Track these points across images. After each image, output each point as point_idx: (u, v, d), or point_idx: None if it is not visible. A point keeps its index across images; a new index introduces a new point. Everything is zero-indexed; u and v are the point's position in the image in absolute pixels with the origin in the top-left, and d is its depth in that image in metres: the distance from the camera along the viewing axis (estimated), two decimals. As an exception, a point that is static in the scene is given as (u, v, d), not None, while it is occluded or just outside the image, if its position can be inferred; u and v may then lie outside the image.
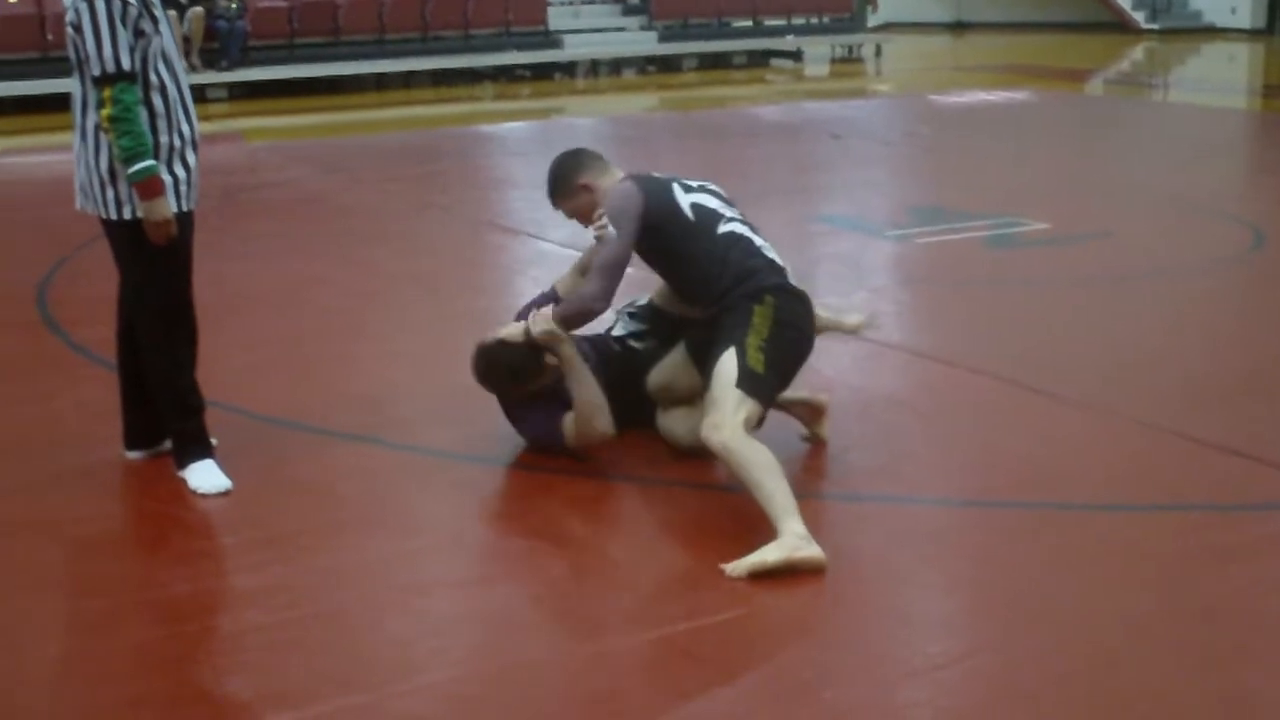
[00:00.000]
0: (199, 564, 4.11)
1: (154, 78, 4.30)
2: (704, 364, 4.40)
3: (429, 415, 5.22)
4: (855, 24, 22.65)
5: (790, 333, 4.40)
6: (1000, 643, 3.60)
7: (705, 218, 4.52)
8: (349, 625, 3.71)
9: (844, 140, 13.14)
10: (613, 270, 4.46)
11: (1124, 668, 3.42)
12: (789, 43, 21.56)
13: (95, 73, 4.23)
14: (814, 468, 4.78)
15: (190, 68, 15.36)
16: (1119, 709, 3.25)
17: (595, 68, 19.95)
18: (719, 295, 4.42)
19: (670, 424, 4.78)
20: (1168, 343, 6.31)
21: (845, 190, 10.50)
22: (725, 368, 4.22)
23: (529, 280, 7.16)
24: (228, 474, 4.53)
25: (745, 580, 3.82)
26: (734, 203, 4.70)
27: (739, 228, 4.54)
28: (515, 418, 4.84)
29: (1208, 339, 6.36)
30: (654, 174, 4.68)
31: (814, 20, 22.01)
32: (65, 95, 4.58)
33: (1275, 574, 3.98)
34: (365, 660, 3.50)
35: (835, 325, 4.99)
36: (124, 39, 4.21)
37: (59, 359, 6.13)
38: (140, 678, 3.45)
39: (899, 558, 4.09)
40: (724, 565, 3.87)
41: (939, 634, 3.69)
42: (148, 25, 4.28)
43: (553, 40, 19.44)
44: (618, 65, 20.17)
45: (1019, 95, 16.59)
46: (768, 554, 3.85)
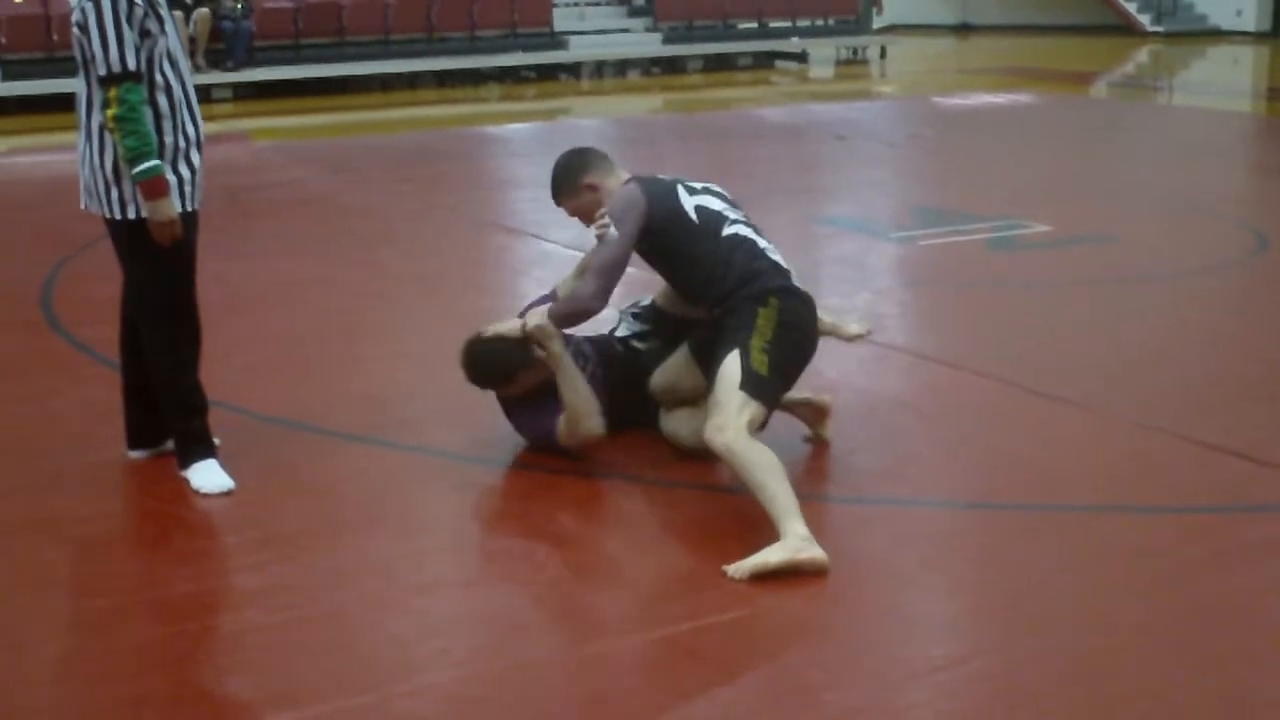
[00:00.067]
0: (201, 563, 4.12)
1: (159, 78, 4.31)
2: (707, 365, 4.40)
3: (432, 416, 5.23)
4: (860, 26, 22.61)
5: (794, 335, 4.40)
6: (1002, 644, 3.60)
7: (709, 220, 4.52)
8: (350, 625, 3.71)
9: (848, 142, 13.14)
10: (610, 270, 4.46)
11: (1124, 668, 3.42)
12: (794, 44, 21.54)
13: (101, 73, 4.23)
14: (817, 469, 4.78)
15: (196, 68, 15.40)
16: (1120, 709, 3.25)
17: (600, 69, 19.95)
18: (723, 297, 4.42)
19: (673, 425, 4.78)
20: (1170, 345, 6.31)
21: (849, 192, 10.50)
22: (729, 370, 4.22)
23: (533, 281, 7.16)
24: (230, 474, 4.53)
25: (747, 581, 3.82)
26: (738, 204, 4.70)
27: (743, 230, 4.54)
28: (513, 416, 4.84)
29: (1210, 342, 6.36)
30: (659, 176, 4.68)
31: (819, 22, 21.98)
32: (70, 95, 4.58)
33: (1275, 575, 3.98)
34: (367, 660, 3.50)
35: (835, 331, 4.96)
36: (130, 39, 4.21)
37: (62, 358, 6.14)
38: (142, 677, 3.45)
39: (901, 559, 4.09)
40: (726, 566, 3.87)
41: (941, 636, 3.69)
42: (153, 25, 4.29)
43: (558, 41, 19.43)
44: (623, 67, 20.17)
45: (1023, 98, 16.58)
46: (770, 555, 3.85)
